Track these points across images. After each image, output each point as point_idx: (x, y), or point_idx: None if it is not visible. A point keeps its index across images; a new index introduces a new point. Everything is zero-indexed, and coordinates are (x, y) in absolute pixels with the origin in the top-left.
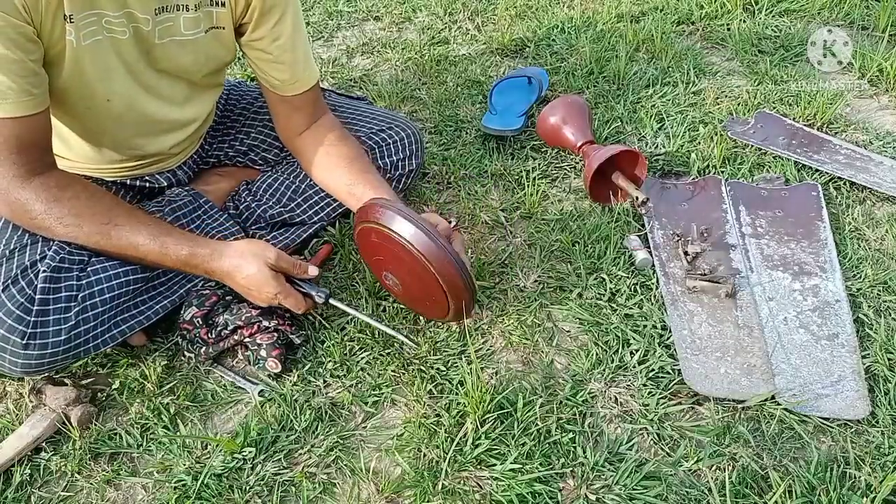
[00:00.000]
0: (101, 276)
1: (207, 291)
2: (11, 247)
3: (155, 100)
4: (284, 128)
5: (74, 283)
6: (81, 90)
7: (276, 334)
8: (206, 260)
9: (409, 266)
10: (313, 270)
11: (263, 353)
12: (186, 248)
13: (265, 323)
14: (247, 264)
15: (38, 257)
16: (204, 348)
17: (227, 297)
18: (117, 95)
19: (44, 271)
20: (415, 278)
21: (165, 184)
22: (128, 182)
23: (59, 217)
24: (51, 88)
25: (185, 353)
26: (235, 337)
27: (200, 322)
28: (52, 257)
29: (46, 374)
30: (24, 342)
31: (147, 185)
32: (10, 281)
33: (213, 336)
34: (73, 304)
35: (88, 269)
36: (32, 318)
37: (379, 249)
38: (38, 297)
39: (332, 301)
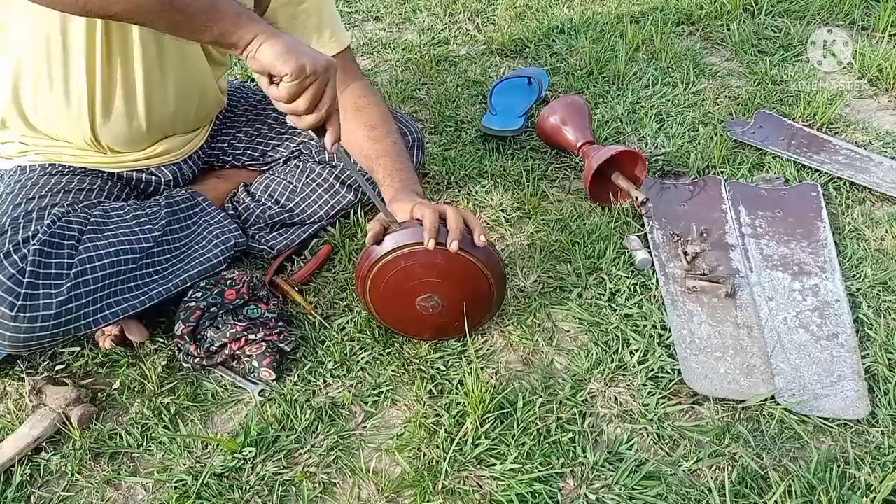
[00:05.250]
0: (94, 254)
1: (192, 304)
2: (6, 223)
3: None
4: None
5: (66, 260)
6: None
7: (264, 345)
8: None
9: (451, 272)
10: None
11: (255, 363)
12: None
13: (251, 336)
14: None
15: (30, 234)
16: (196, 360)
17: (212, 309)
18: None
19: (34, 245)
20: (456, 281)
21: (171, 177)
22: (133, 176)
23: None
24: None
25: (183, 363)
26: (226, 352)
27: (188, 339)
28: (45, 232)
29: (44, 376)
30: (13, 314)
31: (153, 177)
32: (1, 255)
33: (203, 352)
34: (64, 280)
35: (80, 247)
36: (23, 291)
37: (411, 274)
38: (28, 269)
39: (341, 146)
